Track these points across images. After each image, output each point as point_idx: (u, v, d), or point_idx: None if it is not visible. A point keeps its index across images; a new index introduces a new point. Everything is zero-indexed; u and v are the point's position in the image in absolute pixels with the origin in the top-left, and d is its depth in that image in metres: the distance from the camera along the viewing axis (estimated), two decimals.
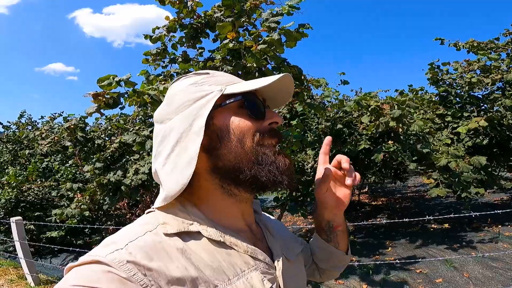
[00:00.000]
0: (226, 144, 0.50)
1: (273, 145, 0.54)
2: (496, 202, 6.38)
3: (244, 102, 0.52)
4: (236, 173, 0.50)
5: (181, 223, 0.49)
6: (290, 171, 0.52)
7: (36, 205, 6.07)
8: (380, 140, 4.76)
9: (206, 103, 0.50)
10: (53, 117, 7.62)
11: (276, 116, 0.55)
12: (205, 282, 0.44)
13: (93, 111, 2.16)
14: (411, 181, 11.16)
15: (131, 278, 0.39)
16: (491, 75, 4.97)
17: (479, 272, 3.27)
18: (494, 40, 5.70)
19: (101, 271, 0.38)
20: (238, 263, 0.49)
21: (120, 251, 0.41)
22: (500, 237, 4.16)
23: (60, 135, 4.35)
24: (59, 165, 6.67)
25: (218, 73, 0.56)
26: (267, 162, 0.50)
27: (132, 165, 4.47)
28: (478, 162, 4.04)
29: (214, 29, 3.42)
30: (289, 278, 0.56)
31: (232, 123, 0.51)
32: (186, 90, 0.53)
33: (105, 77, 2.09)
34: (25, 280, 4.19)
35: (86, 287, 0.36)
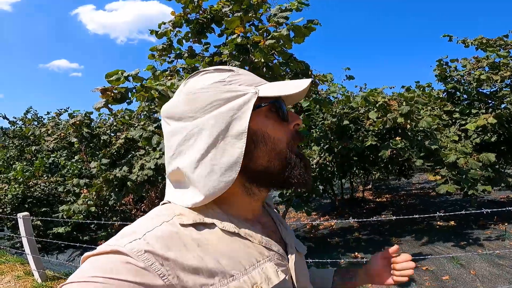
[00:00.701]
0: (261, 148, 0.51)
1: (297, 146, 0.56)
2: (502, 199, 6.32)
3: (277, 106, 0.53)
4: (267, 176, 0.52)
5: (196, 214, 0.49)
6: (310, 172, 0.55)
7: (42, 201, 6.11)
8: (387, 137, 4.72)
9: (243, 104, 0.49)
10: (59, 113, 7.66)
11: (298, 118, 0.56)
12: (221, 272, 0.44)
13: (101, 106, 2.16)
14: (416, 178, 11.09)
15: (148, 268, 0.39)
16: (500, 72, 4.90)
17: (486, 270, 3.24)
18: (503, 37, 5.61)
19: (119, 262, 0.39)
20: (253, 254, 0.50)
21: (138, 241, 0.42)
22: (507, 234, 4.12)
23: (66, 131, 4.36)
24: (65, 161, 6.71)
25: (242, 71, 0.56)
26: (297, 165, 0.53)
27: (138, 161, 4.48)
28: (487, 159, 3.99)
29: (220, 24, 3.40)
30: (300, 271, 0.57)
31: (267, 128, 0.52)
32: (213, 88, 0.50)
33: (113, 72, 2.08)
34: (32, 276, 4.20)
35: (105, 278, 0.36)
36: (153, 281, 0.39)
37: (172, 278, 0.40)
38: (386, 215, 6.02)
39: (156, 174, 4.58)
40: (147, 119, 5.00)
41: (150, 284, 0.38)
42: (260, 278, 0.47)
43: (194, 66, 3.23)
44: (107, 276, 0.37)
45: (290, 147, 0.53)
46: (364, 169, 6.77)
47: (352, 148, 4.74)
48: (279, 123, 0.53)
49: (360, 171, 7.49)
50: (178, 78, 3.03)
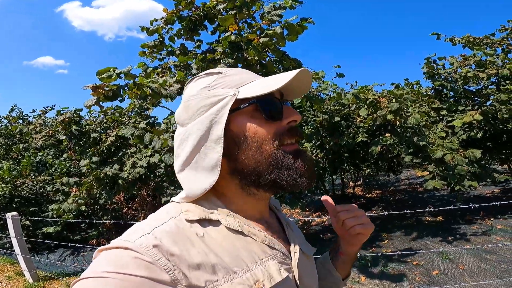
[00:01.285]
0: (244, 150, 0.51)
1: (293, 143, 0.54)
2: (488, 195, 6.50)
3: (259, 106, 0.51)
4: (256, 177, 0.51)
5: (202, 211, 0.50)
6: (309, 171, 0.52)
7: (31, 200, 5.97)
8: (377, 133, 4.80)
9: (221, 109, 0.50)
10: (45, 110, 7.48)
11: (294, 114, 0.54)
12: (224, 268, 0.45)
13: (93, 103, 2.13)
14: (404, 174, 11.31)
15: (155, 262, 0.41)
16: (487, 70, 5.02)
17: (474, 264, 3.34)
18: (490, 36, 5.75)
19: (128, 257, 0.40)
20: (256, 251, 0.50)
21: (147, 236, 0.44)
22: (493, 230, 4.25)
23: (54, 128, 4.28)
24: (53, 159, 6.57)
25: (231, 71, 0.55)
26: (286, 166, 0.51)
27: (129, 159, 4.44)
28: (473, 155, 4.10)
29: (213, 21, 3.38)
30: (304, 271, 0.57)
31: (249, 129, 0.51)
32: (200, 95, 0.53)
33: (105, 70, 2.06)
34: (23, 276, 4.13)
35: (115, 273, 0.38)
36: (160, 275, 0.40)
37: (178, 273, 0.42)
38: (376, 211, 6.13)
39: (148, 172, 4.54)
40: (138, 116, 4.95)
41: (156, 278, 0.40)
42: (262, 276, 0.47)
43: (186, 64, 3.21)
44: (116, 271, 0.38)
45: (280, 146, 0.51)
46: (355, 165, 6.86)
47: (343, 145, 4.80)
48: (266, 122, 0.51)
49: (350, 167, 7.59)
50: (171, 76, 3.01)
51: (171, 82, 2.64)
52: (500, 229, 4.26)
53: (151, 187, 5.31)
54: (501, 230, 4.23)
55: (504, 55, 5.20)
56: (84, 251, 5.14)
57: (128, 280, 0.38)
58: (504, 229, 4.27)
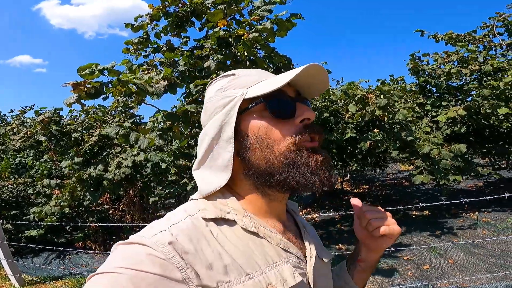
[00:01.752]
0: (254, 150, 0.51)
1: (310, 141, 0.52)
2: (470, 188, 6.69)
3: (266, 104, 0.51)
4: (268, 177, 0.51)
5: (219, 210, 0.50)
6: (323, 169, 0.50)
7: (11, 204, 5.75)
8: (365, 129, 4.83)
9: (230, 110, 0.51)
10: (24, 110, 7.18)
11: (307, 111, 0.52)
12: (237, 269, 0.45)
13: (73, 101, 2.02)
14: (389, 169, 11.53)
15: (169, 260, 0.41)
16: (469, 66, 5.14)
17: (463, 259, 3.40)
18: (472, 33, 5.90)
19: (144, 253, 0.41)
20: (271, 254, 0.49)
21: (163, 233, 0.44)
22: (479, 223, 4.36)
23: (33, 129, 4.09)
24: (33, 161, 6.31)
25: (244, 72, 0.56)
26: (299, 164, 0.49)
27: (114, 159, 4.30)
28: (458, 150, 4.18)
29: (201, 17, 3.30)
30: (320, 277, 0.56)
31: (259, 129, 0.51)
32: (215, 97, 0.55)
33: (87, 66, 1.95)
34: (9, 281, 4.02)
35: (129, 269, 0.39)
36: (172, 273, 0.40)
37: (190, 271, 0.41)
38: None
39: (134, 172, 4.41)
40: (122, 114, 4.80)
41: (169, 276, 0.40)
42: (275, 279, 0.47)
43: (173, 60, 3.12)
44: (130, 267, 0.39)
45: (295, 143, 0.50)
46: (343, 161, 6.92)
47: (332, 141, 4.81)
48: (276, 121, 0.51)
49: (338, 163, 7.66)
50: (157, 72, 2.91)
51: (157, 79, 2.55)
52: (486, 223, 4.38)
53: (138, 187, 5.18)
54: (486, 224, 4.34)
55: (486, 51, 5.33)
56: (70, 254, 4.99)
57: (140, 277, 0.38)
58: (489, 222, 4.39)
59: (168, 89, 2.64)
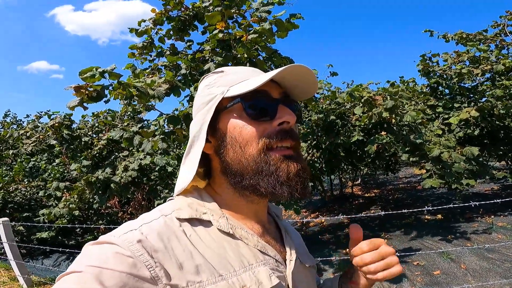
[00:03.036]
0: (229, 150, 0.50)
1: (283, 148, 0.50)
2: (486, 192, 6.45)
3: (243, 104, 0.50)
4: (239, 178, 0.50)
5: (194, 210, 0.50)
6: (296, 180, 0.48)
7: (24, 206, 5.93)
8: (373, 131, 4.74)
9: (210, 108, 0.51)
10: (39, 115, 7.40)
11: (288, 115, 0.50)
12: (209, 270, 0.44)
13: (76, 104, 2.06)
14: (402, 173, 11.27)
15: (137, 258, 0.40)
16: (481, 66, 4.99)
17: (476, 264, 3.25)
18: (483, 32, 5.73)
19: (110, 252, 0.41)
20: (246, 256, 0.49)
21: (133, 232, 0.44)
22: (494, 227, 4.19)
23: (45, 133, 4.21)
24: (46, 164, 6.50)
25: (231, 70, 0.55)
26: (267, 172, 0.48)
27: (121, 162, 4.36)
28: (470, 153, 4.04)
29: (203, 21, 3.33)
30: (300, 281, 0.54)
31: (234, 129, 0.50)
32: (201, 93, 0.55)
33: (88, 69, 1.99)
34: (17, 282, 4.10)
35: (95, 267, 0.39)
36: (140, 271, 0.40)
37: (159, 270, 0.41)
38: (375, 210, 6.07)
39: (141, 175, 4.47)
40: (131, 119, 4.89)
41: (136, 274, 0.40)
42: (250, 281, 0.46)
43: (176, 64, 3.15)
44: (96, 265, 0.39)
45: (264, 149, 0.48)
46: (352, 164, 6.81)
47: (339, 144, 4.74)
48: (253, 122, 0.49)
49: (348, 167, 7.54)
50: (160, 76, 2.95)
51: (159, 82, 2.58)
52: (501, 227, 4.20)
53: (145, 190, 5.24)
54: (502, 228, 4.16)
55: (497, 51, 5.17)
56: None
57: (106, 275, 0.38)
58: (505, 226, 4.21)
59: (170, 92, 2.67)
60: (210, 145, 0.53)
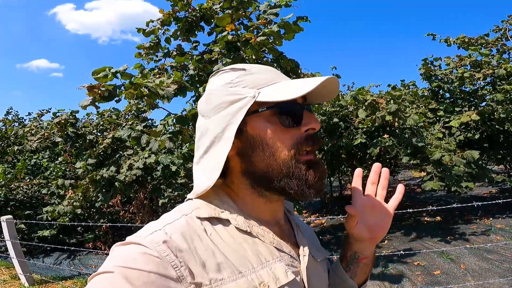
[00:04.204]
0: (258, 153, 0.51)
1: (308, 152, 0.52)
2: (485, 195, 6.51)
3: (277, 112, 0.50)
4: (266, 181, 0.51)
5: (213, 209, 0.51)
6: (319, 183, 0.51)
7: (25, 204, 5.92)
8: (375, 134, 4.79)
9: (239, 110, 0.50)
10: (41, 113, 7.44)
11: (314, 122, 0.52)
12: (230, 267, 0.46)
13: (88, 104, 2.10)
14: (401, 175, 11.32)
15: (163, 258, 0.42)
16: (482, 70, 5.05)
17: (476, 264, 3.32)
18: (484, 36, 5.80)
19: (138, 252, 0.42)
20: (263, 253, 0.50)
21: (158, 232, 0.45)
22: (493, 229, 4.25)
23: (50, 130, 4.24)
24: (48, 162, 6.51)
25: (255, 69, 0.54)
26: (297, 176, 0.50)
27: (126, 161, 4.39)
28: (471, 156, 4.10)
29: (210, 22, 3.37)
30: (313, 275, 0.56)
31: (266, 134, 0.50)
32: (222, 90, 0.52)
33: (101, 69, 2.03)
34: (19, 280, 4.10)
35: (124, 267, 0.40)
36: (167, 271, 0.41)
37: (184, 269, 0.42)
38: None
39: (145, 174, 4.50)
40: (135, 118, 4.91)
41: (164, 274, 0.41)
42: (268, 277, 0.47)
43: (183, 64, 3.19)
44: (125, 266, 0.40)
45: (295, 155, 0.50)
46: (353, 166, 6.85)
47: (342, 146, 4.79)
48: (282, 128, 0.50)
49: (348, 169, 7.58)
50: (167, 76, 2.98)
51: (168, 82, 2.62)
52: (500, 229, 4.26)
53: (148, 190, 5.27)
54: (501, 230, 4.22)
55: (499, 55, 5.23)
56: (80, 255, 5.08)
57: (135, 275, 0.40)
58: (503, 228, 4.26)
59: (178, 93, 2.70)
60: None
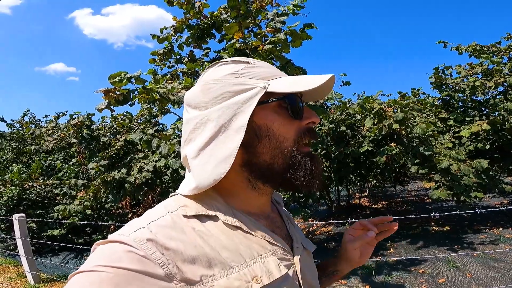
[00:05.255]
0: (264, 144, 0.50)
1: (307, 145, 0.54)
2: (496, 206, 6.39)
3: (287, 102, 0.51)
4: (270, 172, 0.51)
5: (200, 206, 0.50)
6: (320, 173, 0.53)
7: (38, 203, 6.08)
8: (383, 143, 4.79)
9: (248, 99, 0.49)
10: (57, 116, 7.69)
11: (315, 116, 0.54)
12: (221, 263, 0.45)
13: (104, 107, 2.20)
14: (411, 186, 11.17)
15: (149, 256, 0.40)
16: (494, 78, 4.99)
17: (482, 272, 3.28)
18: (496, 44, 5.73)
19: (122, 251, 0.40)
20: (255, 247, 0.49)
21: (142, 230, 0.43)
22: (502, 239, 4.18)
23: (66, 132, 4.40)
24: (62, 164, 6.70)
25: (258, 62, 0.54)
26: (304, 166, 0.51)
27: (137, 163, 4.51)
28: (479, 165, 4.06)
29: (220, 30, 3.48)
30: (306, 267, 0.57)
31: (273, 124, 0.51)
32: (225, 80, 0.51)
33: (117, 74, 2.14)
34: (25, 278, 4.16)
35: (108, 267, 0.39)
36: (153, 269, 0.40)
37: (172, 267, 0.41)
38: None
39: (154, 177, 4.60)
40: (147, 122, 5.05)
41: (150, 272, 0.40)
42: (260, 271, 0.47)
43: (194, 71, 3.30)
44: (109, 265, 0.39)
45: (298, 146, 0.52)
46: (361, 175, 6.83)
47: (348, 154, 4.80)
48: (288, 120, 0.51)
49: (356, 178, 7.55)
50: (179, 82, 3.09)
51: (178, 88, 2.72)
52: (509, 238, 4.18)
53: (156, 193, 5.37)
54: (510, 239, 4.15)
55: (510, 63, 5.18)
56: (87, 254, 5.16)
57: (120, 274, 0.38)
58: None
59: None
60: None
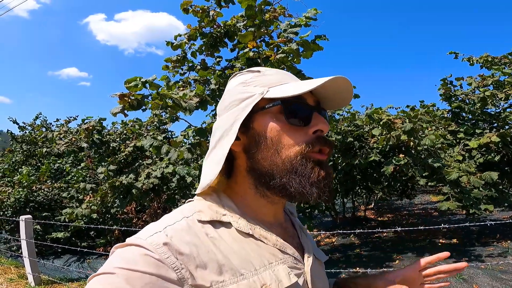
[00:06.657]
0: (262, 150, 0.51)
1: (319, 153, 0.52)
2: (505, 219, 6.28)
3: (283, 108, 0.51)
4: (268, 179, 0.51)
5: (214, 212, 0.51)
6: (324, 183, 0.50)
7: (44, 206, 6.12)
8: (390, 154, 4.78)
9: (246, 106, 0.51)
10: (68, 120, 7.82)
11: (323, 123, 0.52)
12: (231, 270, 0.46)
13: (118, 111, 2.25)
14: (418, 199, 11.03)
15: (164, 260, 0.42)
16: (505, 89, 4.95)
17: (489, 284, 3.23)
18: (508, 55, 5.65)
19: (139, 254, 0.42)
20: (266, 255, 0.50)
21: (158, 234, 0.45)
22: (510, 251, 4.11)
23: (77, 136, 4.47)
24: (70, 168, 6.77)
25: (270, 71, 0.55)
26: (301, 173, 0.49)
27: (144, 169, 4.55)
28: (489, 178, 4.01)
29: (233, 38, 3.55)
30: (317, 277, 0.57)
31: (271, 131, 0.51)
32: (235, 89, 0.55)
33: (132, 79, 2.19)
34: (26, 279, 4.16)
35: (125, 269, 0.40)
36: (167, 273, 0.41)
37: (185, 272, 0.43)
38: (387, 233, 5.99)
39: (161, 184, 4.63)
40: (157, 129, 5.11)
41: (164, 276, 0.41)
42: (270, 279, 0.47)
43: (205, 78, 3.35)
44: (126, 268, 0.41)
45: (302, 154, 0.50)
46: (367, 188, 6.78)
47: (355, 165, 4.79)
48: (290, 126, 0.51)
49: (362, 190, 7.48)
50: (190, 89, 3.14)
51: (190, 95, 2.77)
52: None
53: (162, 199, 5.39)
54: None
55: None
56: (90, 258, 5.16)
57: (136, 277, 0.40)
58: None
59: (199, 106, 2.84)
60: (239, 142, 0.53)
